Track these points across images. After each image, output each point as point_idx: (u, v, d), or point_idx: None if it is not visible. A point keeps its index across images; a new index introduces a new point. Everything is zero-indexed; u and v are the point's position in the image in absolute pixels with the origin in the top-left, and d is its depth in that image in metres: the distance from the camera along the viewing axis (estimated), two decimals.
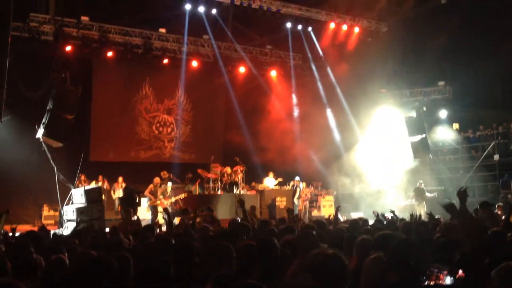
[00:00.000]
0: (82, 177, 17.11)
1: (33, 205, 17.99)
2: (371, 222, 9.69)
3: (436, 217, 10.30)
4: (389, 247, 3.82)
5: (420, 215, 12.05)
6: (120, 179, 18.52)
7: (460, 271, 4.28)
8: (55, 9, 17.71)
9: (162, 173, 18.02)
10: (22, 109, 16.06)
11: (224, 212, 16.67)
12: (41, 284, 4.26)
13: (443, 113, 22.48)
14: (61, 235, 8.66)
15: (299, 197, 19.30)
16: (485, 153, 20.28)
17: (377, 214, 10.37)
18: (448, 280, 4.22)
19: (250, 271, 4.35)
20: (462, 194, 5.48)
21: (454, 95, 22.24)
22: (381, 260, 3.94)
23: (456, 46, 20.75)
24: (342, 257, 2.93)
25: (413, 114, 20.99)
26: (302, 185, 19.72)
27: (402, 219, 10.02)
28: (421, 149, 20.41)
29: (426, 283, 4.03)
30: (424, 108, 21.68)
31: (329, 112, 22.52)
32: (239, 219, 10.00)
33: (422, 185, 19.35)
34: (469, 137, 22.12)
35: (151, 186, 16.40)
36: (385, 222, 9.45)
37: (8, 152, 16.41)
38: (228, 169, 18.84)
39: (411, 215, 10.24)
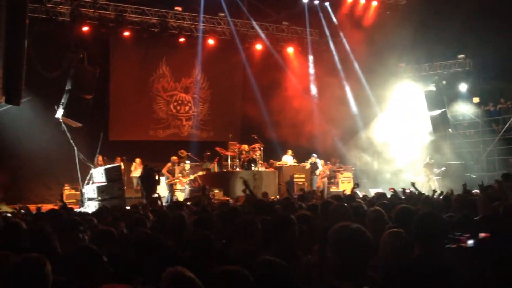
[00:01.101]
0: (100, 158, 17.31)
1: (55, 184, 18.27)
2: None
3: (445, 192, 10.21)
4: (409, 220, 3.80)
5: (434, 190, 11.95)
6: (138, 160, 18.69)
7: (483, 234, 4.32)
8: None
9: (180, 152, 18.20)
10: (41, 90, 16.23)
11: (242, 189, 16.75)
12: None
13: (463, 87, 22.13)
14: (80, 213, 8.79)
15: (317, 174, 19.35)
16: (506, 126, 19.97)
17: (394, 190, 10.32)
18: (470, 243, 4.25)
19: (268, 246, 4.42)
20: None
21: (474, 68, 21.83)
22: (399, 234, 3.95)
23: (476, 18, 20.31)
24: (366, 231, 2.88)
25: (433, 88, 20.71)
26: (320, 162, 19.71)
27: (423, 194, 9.98)
28: (441, 123, 20.21)
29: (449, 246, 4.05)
30: (444, 82, 21.35)
31: (347, 88, 22.29)
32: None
33: (432, 161, 19.26)
34: (490, 111, 21.78)
35: (168, 164, 16.57)
36: (403, 197, 9.42)
37: (28, 133, 16.68)
38: (245, 147, 18.89)
39: (434, 191, 10.21)
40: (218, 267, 2.95)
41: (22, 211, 9.07)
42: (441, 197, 8.89)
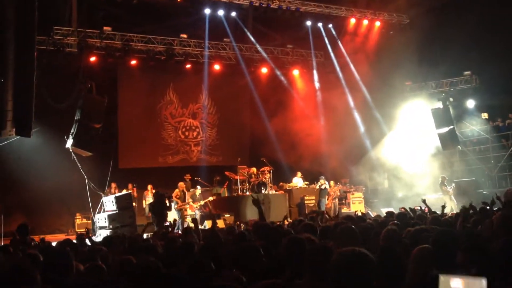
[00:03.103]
0: (113, 185, 17.37)
1: (66, 214, 18.32)
2: None
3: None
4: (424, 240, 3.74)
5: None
6: (149, 186, 18.71)
7: None
8: (77, 21, 17.99)
9: (185, 176, 18.30)
10: (51, 120, 16.37)
11: (252, 213, 16.70)
12: None
13: (470, 103, 22.10)
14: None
15: (327, 195, 19.23)
16: None
17: (405, 209, 10.24)
18: None
19: (281, 270, 4.38)
20: None
21: (481, 84, 21.82)
22: (428, 251, 3.86)
23: (481, 34, 20.36)
24: (368, 254, 2.88)
25: (440, 105, 20.68)
26: (330, 183, 19.62)
27: (434, 212, 9.90)
28: (450, 140, 20.11)
29: None
30: (451, 99, 21.33)
31: (353, 108, 22.33)
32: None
33: (446, 181, 19.10)
34: (499, 126, 21.70)
35: (176, 190, 16.60)
36: (413, 215, 9.34)
37: (39, 162, 16.79)
38: (254, 170, 18.92)
39: (443, 207, 10.11)
40: None
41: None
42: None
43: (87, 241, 8.32)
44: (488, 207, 9.34)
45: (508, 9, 18.78)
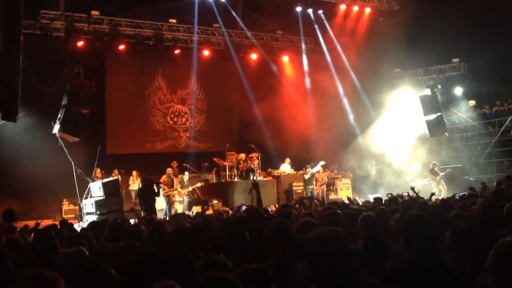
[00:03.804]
0: (98, 171, 17.29)
1: (53, 200, 18.24)
2: None
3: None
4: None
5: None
6: (134, 172, 18.67)
7: None
8: (65, 5, 17.79)
9: (172, 163, 18.30)
10: (38, 105, 16.22)
11: (241, 199, 16.79)
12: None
13: (458, 90, 22.21)
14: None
15: (315, 181, 19.28)
16: (502, 129, 20.03)
17: (392, 195, 10.33)
18: None
19: (267, 255, 4.39)
20: None
21: (469, 72, 21.93)
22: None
23: (470, 22, 20.42)
24: (341, 234, 2.78)
25: (428, 92, 20.76)
26: (316, 168, 19.57)
27: (421, 198, 10.01)
28: (437, 127, 20.23)
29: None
30: (439, 86, 21.44)
31: (343, 95, 22.34)
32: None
33: (436, 168, 19.24)
34: (486, 113, 21.86)
35: (164, 176, 16.59)
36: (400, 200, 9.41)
37: (26, 148, 16.65)
38: (243, 156, 18.93)
39: (432, 194, 10.21)
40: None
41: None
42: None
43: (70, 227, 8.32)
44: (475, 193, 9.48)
45: None
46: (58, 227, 8.04)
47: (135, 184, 18.30)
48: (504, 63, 20.47)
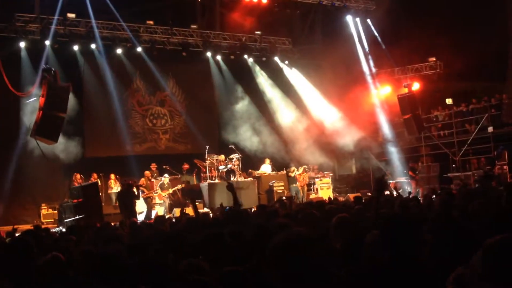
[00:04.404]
0: (77, 176, 17.13)
1: (32, 204, 17.99)
2: None
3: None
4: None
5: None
6: (112, 176, 18.53)
7: None
8: (40, 8, 17.57)
9: (151, 165, 18.23)
10: (13, 109, 16.02)
11: (221, 200, 16.60)
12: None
13: (435, 89, 22.48)
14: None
15: (296, 181, 19.41)
16: (479, 126, 20.29)
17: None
18: None
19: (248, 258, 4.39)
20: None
21: (445, 70, 22.23)
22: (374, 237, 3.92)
23: (446, 21, 20.71)
24: (310, 235, 2.59)
25: (405, 91, 20.95)
26: (298, 169, 19.68)
27: (400, 196, 10.14)
28: (415, 126, 20.40)
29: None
30: (417, 85, 21.71)
31: (320, 95, 22.31)
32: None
33: (416, 164, 19.51)
34: (463, 111, 22.11)
35: (142, 179, 16.52)
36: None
37: (2, 152, 16.42)
38: (223, 157, 18.94)
39: (409, 193, 10.33)
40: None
41: None
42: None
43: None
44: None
45: None
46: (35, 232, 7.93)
47: (115, 187, 18.17)
48: (480, 61, 20.77)
